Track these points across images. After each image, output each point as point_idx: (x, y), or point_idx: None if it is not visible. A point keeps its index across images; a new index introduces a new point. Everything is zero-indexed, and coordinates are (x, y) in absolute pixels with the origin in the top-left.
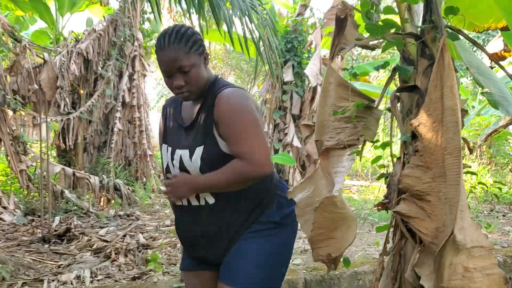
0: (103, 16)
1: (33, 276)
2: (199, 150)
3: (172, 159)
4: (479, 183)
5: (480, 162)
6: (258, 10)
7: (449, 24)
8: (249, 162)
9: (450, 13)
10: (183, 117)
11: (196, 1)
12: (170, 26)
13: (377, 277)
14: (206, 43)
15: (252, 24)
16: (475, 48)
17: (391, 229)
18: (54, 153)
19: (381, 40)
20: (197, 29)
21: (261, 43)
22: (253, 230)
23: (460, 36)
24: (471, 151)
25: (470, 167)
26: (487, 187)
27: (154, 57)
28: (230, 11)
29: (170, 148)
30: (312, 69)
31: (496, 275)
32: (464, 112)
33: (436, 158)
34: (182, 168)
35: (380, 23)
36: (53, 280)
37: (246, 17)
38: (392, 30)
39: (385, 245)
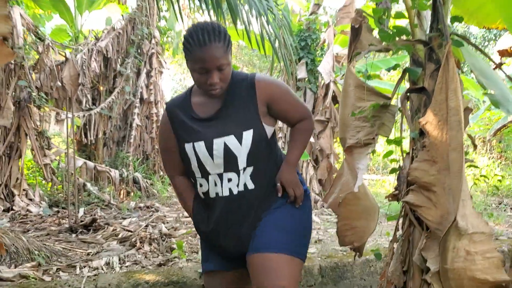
0: (122, 15)
1: (65, 262)
2: (248, 134)
3: (212, 149)
4: (481, 175)
5: (490, 157)
6: (275, 12)
7: (454, 31)
8: (308, 118)
9: (455, 21)
10: (198, 111)
11: (215, 0)
12: (200, 22)
13: (388, 261)
14: None
15: (269, 25)
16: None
17: (401, 218)
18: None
19: None
20: None
21: (276, 41)
22: (277, 205)
23: (464, 42)
24: (475, 146)
25: (472, 161)
26: (488, 178)
27: (167, 52)
28: (247, 6)
29: (201, 142)
30: (325, 67)
31: (495, 258)
32: (469, 110)
33: (441, 153)
34: (228, 153)
35: (391, 28)
36: (84, 266)
37: (263, 18)
38: (403, 37)
39: (395, 233)
